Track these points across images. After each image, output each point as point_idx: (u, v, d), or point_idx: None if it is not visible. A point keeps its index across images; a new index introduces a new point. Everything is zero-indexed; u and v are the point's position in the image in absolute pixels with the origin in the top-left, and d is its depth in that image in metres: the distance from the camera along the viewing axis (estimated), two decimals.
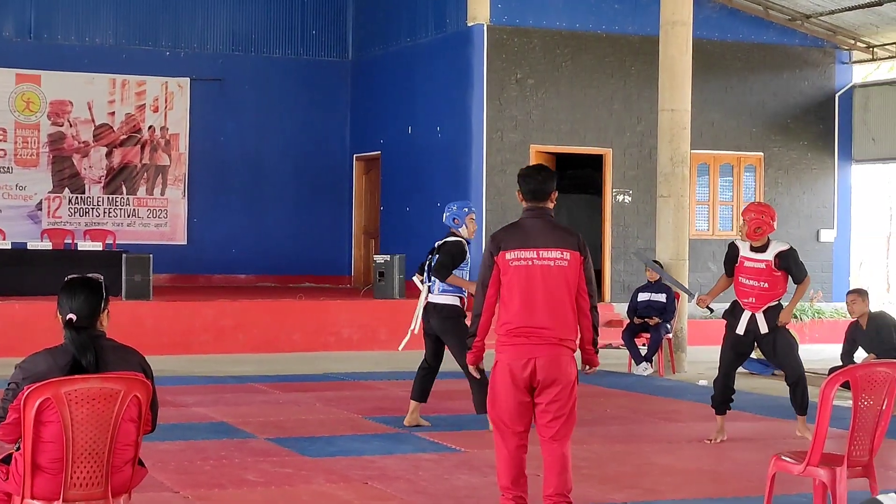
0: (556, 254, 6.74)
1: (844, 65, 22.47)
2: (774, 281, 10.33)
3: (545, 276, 6.70)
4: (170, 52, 23.12)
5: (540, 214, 6.89)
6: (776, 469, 6.95)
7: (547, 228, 6.82)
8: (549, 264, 6.72)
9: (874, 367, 6.76)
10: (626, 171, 20.73)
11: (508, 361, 6.68)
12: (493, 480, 8.69)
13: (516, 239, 6.80)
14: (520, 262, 6.73)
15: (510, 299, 6.72)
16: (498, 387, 6.73)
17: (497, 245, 6.81)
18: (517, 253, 6.74)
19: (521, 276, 6.71)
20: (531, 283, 6.70)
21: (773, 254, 10.33)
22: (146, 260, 17.69)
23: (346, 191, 24.05)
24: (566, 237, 6.83)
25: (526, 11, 20.31)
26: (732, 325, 10.55)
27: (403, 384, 14.33)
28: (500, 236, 6.88)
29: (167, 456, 9.26)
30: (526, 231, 6.83)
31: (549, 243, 6.76)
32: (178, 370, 15.10)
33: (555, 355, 6.64)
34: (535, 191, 6.92)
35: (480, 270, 6.88)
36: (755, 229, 10.32)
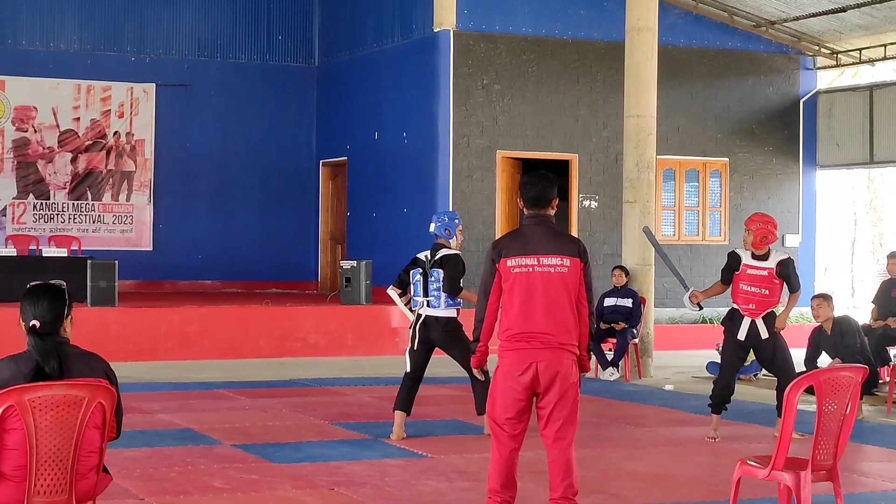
0: (557, 260, 6.82)
1: (809, 71, 22.60)
2: (773, 288, 10.74)
3: (546, 283, 6.78)
4: (135, 57, 23.04)
5: (541, 221, 6.95)
6: (741, 473, 6.98)
7: (548, 235, 6.90)
8: (550, 270, 6.80)
9: (838, 371, 6.79)
10: (592, 176, 20.79)
11: (510, 366, 6.76)
12: (460, 485, 8.72)
13: (517, 246, 6.87)
14: (521, 269, 6.81)
15: (511, 305, 6.80)
16: (498, 391, 6.81)
17: (498, 252, 6.88)
18: (518, 259, 6.82)
19: (522, 282, 6.79)
20: (532, 289, 6.78)
21: (775, 262, 10.77)
22: (111, 266, 17.60)
23: (313, 196, 24.02)
24: (567, 244, 6.92)
25: (492, 17, 20.35)
26: (732, 330, 10.86)
27: (370, 390, 14.34)
28: (501, 243, 6.96)
29: (132, 463, 9.22)
30: (527, 238, 6.89)
31: (549, 250, 6.84)
32: (144, 376, 15.04)
33: (556, 359, 6.72)
34: (536, 198, 6.96)
35: (482, 277, 6.97)
36: (761, 238, 10.77)
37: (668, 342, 19.18)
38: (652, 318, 16.79)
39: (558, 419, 6.74)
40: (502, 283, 6.85)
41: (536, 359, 6.71)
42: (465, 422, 11.48)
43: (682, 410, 13.16)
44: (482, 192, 20.13)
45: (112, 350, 14.93)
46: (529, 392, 6.75)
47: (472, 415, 11.20)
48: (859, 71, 25.01)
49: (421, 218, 20.50)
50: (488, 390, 6.93)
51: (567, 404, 6.75)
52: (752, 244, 10.78)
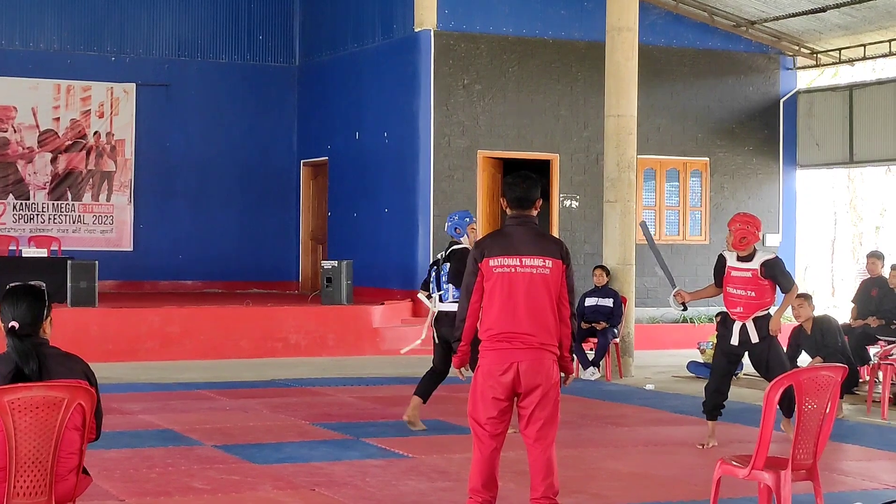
0: (539, 261, 6.82)
1: (789, 71, 22.66)
2: (761, 290, 10.45)
3: (527, 283, 6.79)
4: (115, 57, 22.99)
5: (524, 222, 6.95)
6: (721, 473, 7.00)
7: (530, 236, 6.90)
8: (532, 272, 6.80)
9: (818, 371, 6.81)
10: (572, 176, 20.81)
11: (490, 365, 6.76)
12: (441, 485, 8.73)
13: (500, 246, 6.87)
14: (503, 269, 6.81)
15: (492, 305, 6.81)
16: (479, 391, 6.81)
17: (481, 252, 6.89)
18: (500, 260, 6.82)
19: (504, 282, 6.80)
20: (513, 289, 6.78)
21: (759, 263, 10.45)
22: (91, 266, 17.55)
23: (294, 196, 24.00)
24: (549, 245, 6.92)
25: (473, 17, 20.35)
26: (725, 335, 10.63)
27: (351, 390, 14.35)
28: (484, 243, 6.95)
29: (113, 464, 9.20)
30: (510, 238, 6.90)
31: (532, 251, 6.84)
32: (125, 377, 15.00)
33: (537, 359, 6.72)
34: (519, 199, 6.96)
35: (465, 277, 6.96)
36: (740, 239, 10.46)
37: (649, 342, 19.21)
38: (633, 317, 16.82)
39: (539, 419, 6.74)
40: (484, 282, 6.85)
41: (517, 359, 6.71)
42: (447, 422, 11.48)
43: (662, 410, 13.18)
44: (463, 192, 20.14)
45: (92, 351, 14.89)
46: (510, 392, 6.75)
47: (454, 415, 11.21)
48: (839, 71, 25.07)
49: (402, 218, 20.51)
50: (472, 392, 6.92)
51: (548, 404, 6.75)
52: (732, 245, 10.51)
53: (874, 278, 16.22)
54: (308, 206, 23.87)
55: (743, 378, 16.03)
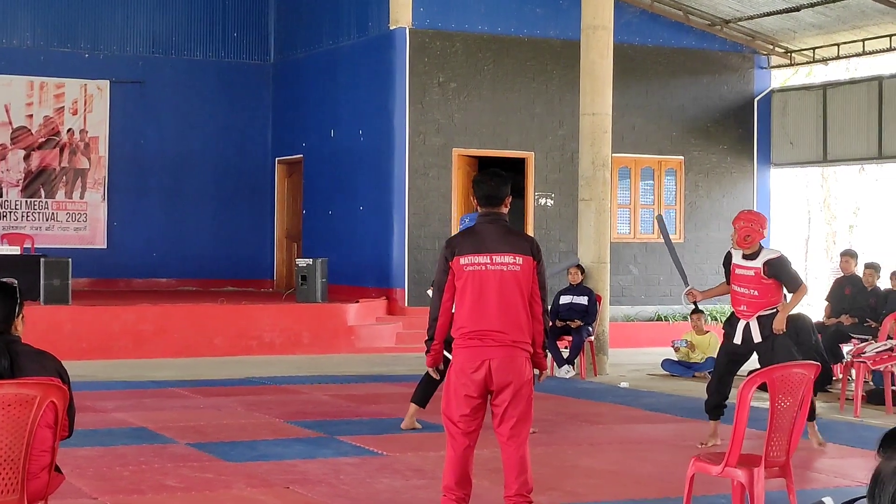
0: (510, 258, 6.81)
1: (763, 70, 22.73)
2: (765, 288, 10.30)
3: (498, 281, 6.78)
4: (89, 54, 22.90)
5: (494, 220, 6.94)
6: (695, 470, 7.01)
7: (501, 233, 6.88)
8: (503, 269, 6.79)
9: (791, 368, 6.83)
10: (547, 174, 20.83)
11: (462, 363, 6.76)
12: (415, 483, 8.72)
13: (470, 244, 6.86)
14: (474, 267, 6.80)
15: (464, 303, 6.81)
16: (451, 389, 6.80)
17: (451, 250, 6.87)
18: (471, 258, 6.81)
19: (475, 280, 6.79)
20: (484, 287, 6.77)
21: (763, 261, 10.30)
22: (65, 264, 17.48)
23: (268, 194, 23.96)
24: (519, 242, 6.91)
25: (448, 15, 20.35)
26: (730, 334, 10.51)
27: (325, 388, 14.32)
28: (454, 241, 6.95)
29: (86, 462, 9.16)
30: (480, 236, 6.88)
31: (502, 248, 6.82)
32: (98, 375, 14.95)
33: (509, 357, 6.71)
34: (488, 196, 6.96)
35: (436, 275, 6.97)
36: (745, 237, 10.32)
37: (624, 340, 19.25)
38: (607, 315, 16.84)
39: (512, 417, 6.73)
40: (455, 281, 6.85)
41: (489, 356, 6.70)
42: (421, 420, 11.47)
43: (637, 408, 13.20)
44: (438, 190, 20.14)
45: (66, 349, 14.83)
46: (483, 389, 6.74)
47: (428, 413, 11.20)
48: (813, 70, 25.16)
49: (377, 216, 20.50)
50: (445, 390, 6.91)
51: (521, 402, 6.74)
52: (737, 243, 10.38)
53: (847, 277, 16.30)
54: (283, 203, 23.82)
55: None
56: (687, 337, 16.59)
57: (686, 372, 16.21)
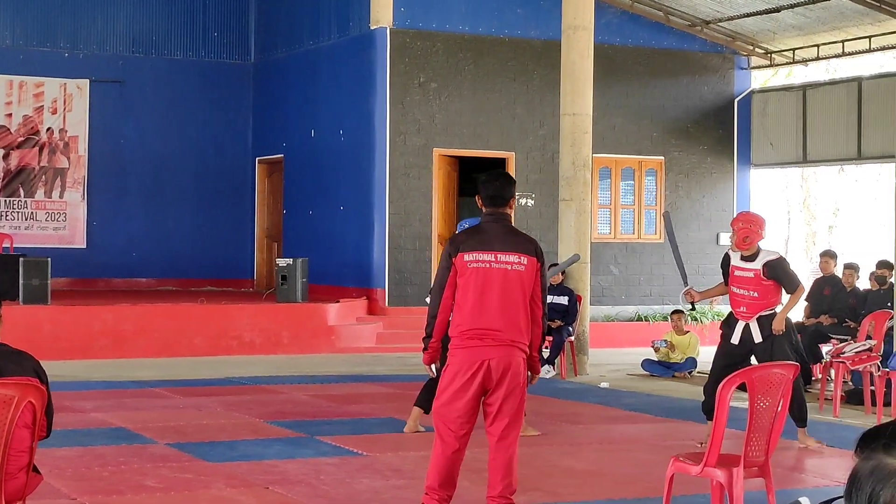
0: (514, 258, 6.83)
1: (743, 70, 22.78)
2: (764, 290, 10.31)
3: (501, 280, 6.78)
4: (69, 53, 22.82)
5: (499, 219, 6.98)
6: (675, 470, 7.02)
7: (506, 233, 6.93)
8: (507, 268, 6.80)
9: (770, 368, 6.85)
10: (528, 174, 20.83)
11: (461, 363, 6.74)
12: (395, 483, 8.71)
13: (475, 241, 6.87)
14: (478, 264, 6.80)
15: (465, 301, 6.79)
16: (449, 389, 6.77)
17: (456, 247, 6.87)
18: (475, 255, 6.81)
19: (479, 277, 6.79)
20: (487, 285, 6.77)
21: (762, 263, 10.32)
22: (44, 263, 17.42)
23: (249, 194, 23.91)
24: (524, 243, 6.94)
25: (429, 15, 20.34)
26: (727, 334, 10.52)
27: (305, 388, 14.30)
28: (459, 239, 6.96)
29: (64, 462, 9.13)
30: (485, 234, 6.91)
31: (507, 247, 6.84)
32: (77, 375, 14.91)
33: (507, 356, 6.72)
34: (494, 196, 6.99)
35: (438, 272, 6.96)
36: (744, 238, 10.33)
37: (604, 340, 19.26)
38: (588, 315, 16.86)
39: (505, 417, 6.75)
40: (458, 278, 6.83)
41: (488, 356, 6.70)
42: (401, 420, 11.46)
43: (617, 408, 13.21)
44: (419, 190, 20.13)
45: (45, 349, 14.75)
46: (480, 391, 6.74)
47: (408, 413, 11.19)
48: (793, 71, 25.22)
49: (357, 216, 20.48)
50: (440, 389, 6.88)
51: (514, 403, 6.76)
52: (735, 244, 10.41)
53: (827, 277, 16.35)
54: (263, 203, 23.79)
55: (697, 375, 16.11)
56: (667, 337, 16.62)
57: (666, 372, 16.24)
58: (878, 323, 13.59)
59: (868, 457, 1.64)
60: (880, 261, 15.91)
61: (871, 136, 20.85)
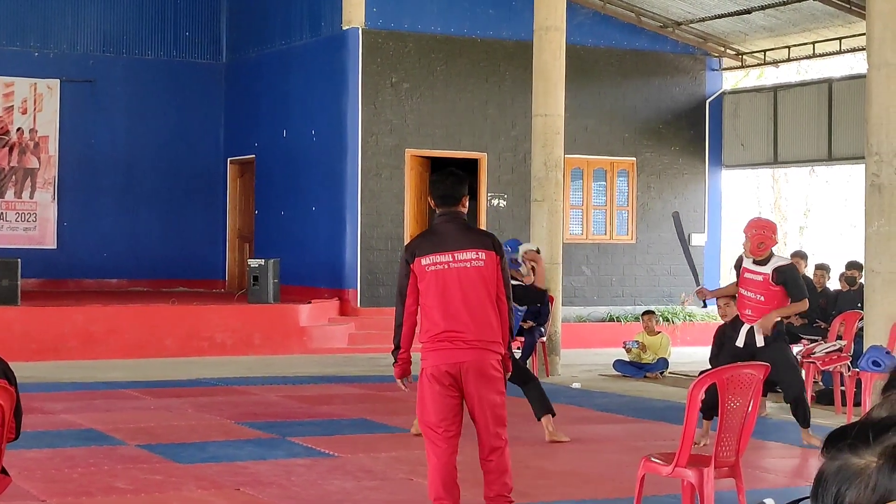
0: (472, 254, 6.74)
1: (715, 72, 22.85)
2: (771, 295, 10.39)
3: (462, 278, 6.71)
4: (38, 52, 22.71)
5: (452, 218, 6.87)
6: (645, 470, 7.03)
7: (460, 231, 6.84)
8: (466, 265, 6.72)
9: (741, 368, 6.87)
10: (500, 175, 20.85)
11: (435, 367, 6.68)
12: (367, 484, 8.70)
13: (430, 244, 6.80)
14: (436, 267, 6.72)
15: (430, 305, 6.72)
16: (427, 395, 6.72)
17: (412, 252, 6.80)
18: (432, 258, 6.73)
19: (439, 280, 6.71)
20: (449, 286, 6.70)
21: (772, 268, 10.39)
22: (14, 264, 17.35)
23: (220, 194, 23.84)
24: (481, 238, 6.91)
25: (401, 15, 20.33)
26: (732, 337, 10.61)
27: (277, 389, 14.28)
28: (413, 244, 6.92)
29: (33, 464, 9.09)
30: (439, 235, 6.83)
31: (463, 245, 6.76)
32: (47, 376, 14.84)
33: (479, 359, 6.68)
34: (445, 195, 6.90)
35: (398, 280, 6.90)
36: (758, 244, 10.41)
37: (576, 340, 19.28)
38: (560, 316, 16.88)
39: (488, 419, 6.75)
40: (418, 283, 6.77)
41: (460, 359, 6.66)
42: (373, 420, 11.46)
43: (589, 408, 13.23)
44: (391, 191, 20.11)
45: (14, 350, 14.68)
46: (457, 391, 6.70)
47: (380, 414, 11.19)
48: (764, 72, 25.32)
49: (329, 216, 20.45)
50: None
51: (494, 403, 6.75)
52: (750, 251, 10.46)
53: None
54: (235, 203, 23.72)
55: (669, 376, 16.15)
56: (638, 338, 16.66)
57: (637, 373, 16.27)
58: (849, 323, 13.66)
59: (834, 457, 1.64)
60: (850, 262, 15.98)
61: (841, 137, 20.95)
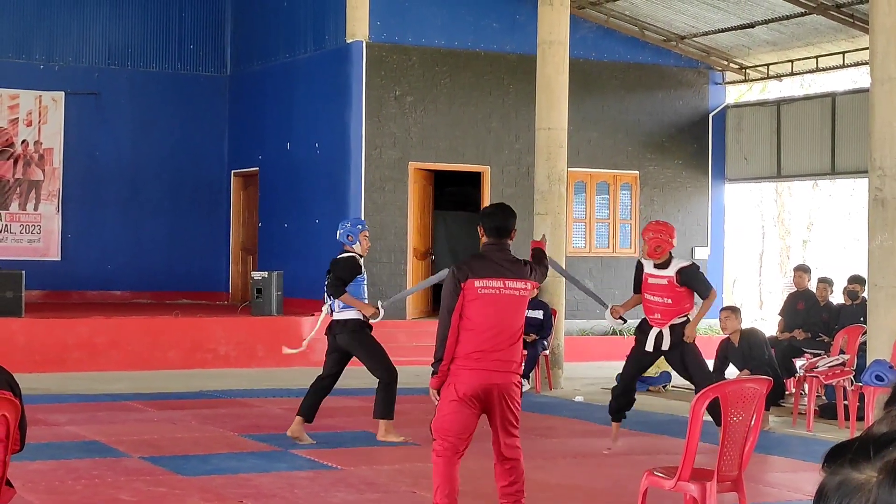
0: (521, 284, 7.31)
1: (718, 85, 22.88)
2: (678, 296, 10.61)
3: (509, 305, 7.26)
4: (44, 65, 22.77)
5: (501, 248, 7.40)
6: (648, 484, 7.04)
7: (509, 261, 7.36)
8: (515, 294, 7.28)
9: (743, 383, 6.88)
10: (503, 188, 20.86)
11: (467, 386, 7.12)
12: (370, 497, 8.71)
13: (484, 268, 7.27)
14: (488, 290, 7.20)
15: (474, 324, 7.17)
16: (451, 409, 7.15)
17: (465, 273, 7.22)
18: (486, 281, 7.21)
19: (490, 303, 7.21)
20: (497, 310, 7.21)
21: (675, 270, 10.58)
22: (18, 276, 17.38)
23: (224, 207, 23.88)
24: (524, 269, 7.43)
25: (405, 29, 20.37)
26: (641, 340, 10.80)
27: (280, 401, 14.28)
28: (468, 265, 7.33)
29: (38, 476, 9.10)
30: (492, 262, 7.31)
31: (513, 274, 7.29)
32: (51, 388, 14.85)
33: (508, 382, 7.22)
34: (499, 228, 7.43)
35: (445, 298, 7.26)
36: (655, 248, 10.63)
37: (579, 353, 19.28)
38: (562, 329, 16.89)
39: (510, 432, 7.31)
40: (466, 303, 7.18)
41: (494, 381, 7.15)
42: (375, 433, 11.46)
43: (591, 422, 13.24)
44: (394, 204, 20.14)
45: (18, 361, 14.70)
46: (481, 410, 7.20)
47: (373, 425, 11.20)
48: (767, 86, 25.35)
49: (333, 229, 20.39)
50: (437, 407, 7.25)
51: (514, 418, 7.31)
52: (647, 254, 10.71)
53: (801, 291, 16.42)
54: (238, 216, 23.76)
55: (672, 389, 16.15)
56: None
57: (640, 386, 16.21)
58: (852, 338, 13.66)
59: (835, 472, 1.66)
60: (852, 276, 15.99)
61: (844, 151, 20.97)
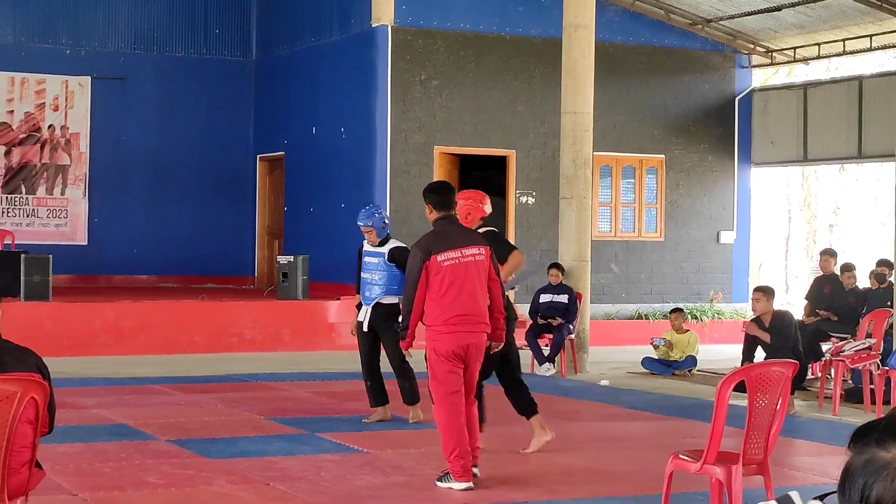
0: (475, 250, 8.35)
1: (744, 69, 22.78)
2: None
3: (471, 270, 8.30)
4: (70, 50, 22.84)
5: (450, 221, 8.52)
6: (674, 467, 7.05)
7: (460, 231, 8.52)
8: (472, 259, 8.31)
9: (769, 366, 6.88)
10: (529, 172, 20.85)
11: (448, 346, 8.25)
12: (396, 480, 8.74)
13: (442, 243, 8.31)
14: (450, 262, 8.25)
15: (443, 293, 8.23)
16: (440, 371, 8.29)
17: (427, 251, 8.26)
18: (446, 255, 8.26)
19: (454, 272, 8.25)
20: (460, 277, 8.26)
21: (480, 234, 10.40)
22: (45, 260, 17.45)
23: (250, 191, 23.92)
24: (476, 236, 8.63)
25: (430, 13, 20.35)
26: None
27: (306, 385, 14.34)
28: (427, 243, 8.36)
29: (66, 458, 9.17)
30: (446, 235, 8.39)
31: (467, 243, 8.39)
32: (79, 372, 14.93)
33: (480, 339, 8.40)
34: (445, 201, 8.54)
35: (409, 273, 8.29)
36: (466, 215, 9.82)
37: (604, 338, 19.27)
38: (588, 313, 16.88)
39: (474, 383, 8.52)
40: (431, 276, 8.23)
41: (469, 341, 8.30)
42: (401, 417, 11.49)
43: (617, 405, 13.24)
44: (420, 188, 19.95)
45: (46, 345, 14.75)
46: (462, 365, 8.37)
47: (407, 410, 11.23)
48: (793, 69, 25.24)
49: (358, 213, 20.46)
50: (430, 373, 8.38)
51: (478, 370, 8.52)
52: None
53: (827, 275, 16.38)
54: (264, 200, 23.80)
55: (697, 374, 16.15)
56: (666, 335, 16.64)
57: (665, 370, 16.26)
58: (878, 321, 13.63)
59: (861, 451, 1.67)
60: (880, 259, 15.94)
61: (871, 135, 20.87)
